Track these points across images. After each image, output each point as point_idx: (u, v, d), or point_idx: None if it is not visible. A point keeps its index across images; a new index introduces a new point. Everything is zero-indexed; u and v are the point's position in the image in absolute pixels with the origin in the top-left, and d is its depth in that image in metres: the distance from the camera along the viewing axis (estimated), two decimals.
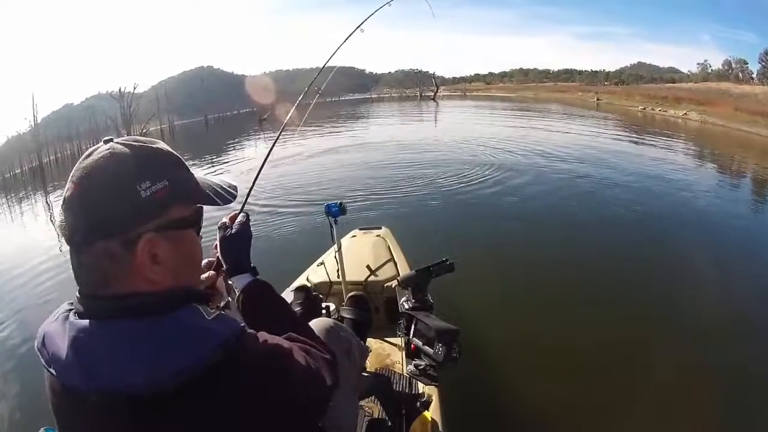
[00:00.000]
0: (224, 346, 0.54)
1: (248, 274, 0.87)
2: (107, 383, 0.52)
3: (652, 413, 2.24)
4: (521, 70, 53.84)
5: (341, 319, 1.68)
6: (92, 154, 0.58)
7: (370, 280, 2.27)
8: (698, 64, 36.38)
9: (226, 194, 0.70)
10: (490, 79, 56.04)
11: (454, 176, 7.36)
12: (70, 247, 0.58)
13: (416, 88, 47.02)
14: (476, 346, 2.54)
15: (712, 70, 34.19)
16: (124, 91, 31.26)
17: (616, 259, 4.12)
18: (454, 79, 58.67)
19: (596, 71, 45.60)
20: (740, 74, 31.63)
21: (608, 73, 43.93)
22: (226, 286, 0.92)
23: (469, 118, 21.34)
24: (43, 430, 0.73)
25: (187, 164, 0.65)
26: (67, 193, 0.56)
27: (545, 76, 50.25)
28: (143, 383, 0.51)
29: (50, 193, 12.05)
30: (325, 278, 2.25)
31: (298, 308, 1.62)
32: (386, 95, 52.26)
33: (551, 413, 2.26)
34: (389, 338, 2.03)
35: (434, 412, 1.56)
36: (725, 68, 33.30)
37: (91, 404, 0.53)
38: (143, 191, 0.56)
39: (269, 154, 1.31)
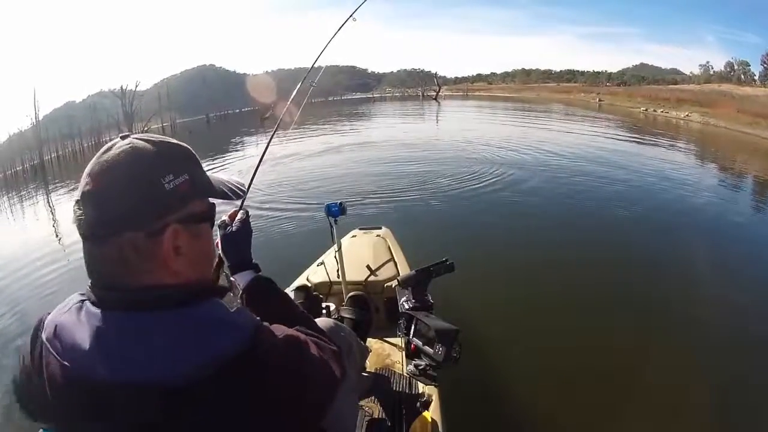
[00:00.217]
0: (249, 337, 0.56)
1: (251, 270, 0.89)
2: (136, 375, 0.51)
3: (652, 414, 2.23)
4: (523, 70, 53.73)
5: (341, 319, 1.68)
6: (111, 148, 0.58)
7: (370, 280, 2.27)
8: (700, 65, 36.22)
9: (237, 190, 0.71)
10: (492, 79, 55.94)
11: (454, 176, 7.35)
12: (86, 240, 0.57)
13: (418, 87, 47.02)
14: (476, 346, 2.54)
15: (714, 71, 34.10)
16: (126, 89, 31.35)
17: (616, 260, 4.11)
18: (456, 79, 58.58)
19: (598, 72, 45.48)
20: (742, 76, 31.54)
21: (610, 74, 43.85)
22: (229, 282, 0.92)
23: (470, 118, 21.34)
24: (41, 431, 0.73)
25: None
26: (86, 187, 0.56)
27: (547, 76, 50.15)
28: (172, 374, 0.51)
29: (51, 191, 12.08)
30: (325, 278, 2.25)
31: None
32: (388, 95, 52.29)
33: (551, 414, 2.26)
34: (389, 338, 2.03)
35: (434, 412, 1.56)
36: (727, 70, 33.22)
37: (113, 396, 0.52)
38: (167, 184, 0.57)
39: (265, 151, 1.32)
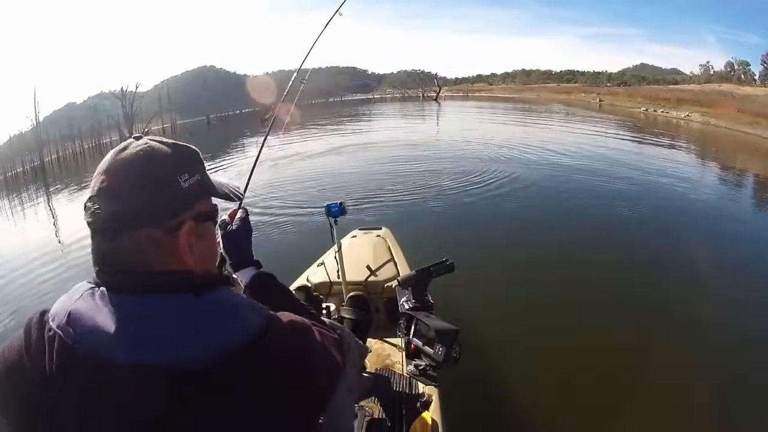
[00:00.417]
0: (259, 324, 0.58)
1: (253, 267, 0.92)
2: (158, 356, 0.51)
3: (652, 414, 2.24)
4: (524, 71, 53.60)
5: (341, 319, 1.68)
6: (128, 147, 0.59)
7: (370, 280, 2.27)
8: (701, 65, 36.10)
9: (237, 193, 0.76)
10: (492, 80, 55.82)
11: (454, 177, 7.36)
12: (100, 234, 0.58)
13: (419, 88, 46.98)
14: (476, 346, 2.55)
15: (714, 71, 34.04)
16: (126, 90, 31.40)
17: (615, 259, 4.11)
18: (456, 79, 58.46)
19: (598, 72, 45.40)
20: (742, 76, 31.49)
21: (610, 74, 43.78)
22: (231, 280, 0.94)
23: (471, 118, 21.35)
24: None
25: None
26: (102, 184, 0.57)
27: (548, 77, 50.06)
28: (189, 357, 0.52)
29: (52, 192, 12.09)
30: (325, 278, 2.25)
31: None
32: (389, 96, 52.23)
33: (551, 413, 2.27)
34: (389, 338, 2.03)
35: (434, 412, 1.56)
36: (727, 70, 33.17)
37: (129, 379, 0.51)
38: (183, 183, 0.60)
39: (261, 149, 1.35)
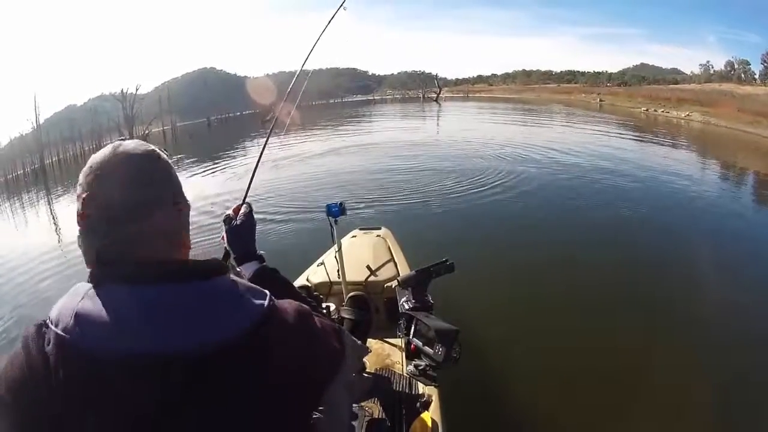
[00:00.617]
0: (263, 310, 0.59)
1: (256, 261, 0.93)
2: (175, 343, 0.51)
3: (654, 414, 2.23)
4: (524, 71, 53.51)
5: (341, 319, 1.68)
6: (122, 145, 0.63)
7: (370, 280, 2.28)
8: (701, 65, 36.00)
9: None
10: (492, 80, 55.73)
11: (454, 177, 7.37)
12: (112, 224, 0.58)
13: (419, 89, 46.94)
14: (476, 346, 2.55)
15: (714, 71, 33.97)
16: (126, 92, 31.44)
17: (616, 259, 4.11)
18: (456, 80, 58.36)
19: (599, 72, 45.31)
20: (743, 75, 31.43)
21: (611, 74, 43.71)
22: (235, 273, 0.94)
23: (471, 119, 21.36)
24: None
25: None
26: (113, 175, 0.59)
27: (548, 77, 49.99)
28: (198, 343, 0.52)
29: (53, 194, 12.11)
30: (325, 278, 2.26)
31: None
32: (389, 97, 52.23)
33: (551, 414, 2.27)
34: (389, 338, 2.03)
35: (434, 412, 1.57)
36: (728, 69, 33.10)
37: (146, 368, 0.50)
38: (177, 174, 0.68)
39: (263, 150, 1.36)
